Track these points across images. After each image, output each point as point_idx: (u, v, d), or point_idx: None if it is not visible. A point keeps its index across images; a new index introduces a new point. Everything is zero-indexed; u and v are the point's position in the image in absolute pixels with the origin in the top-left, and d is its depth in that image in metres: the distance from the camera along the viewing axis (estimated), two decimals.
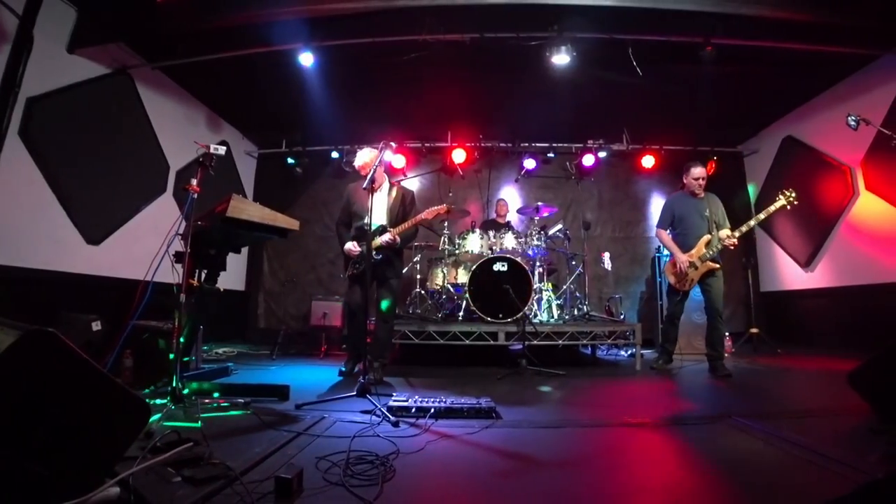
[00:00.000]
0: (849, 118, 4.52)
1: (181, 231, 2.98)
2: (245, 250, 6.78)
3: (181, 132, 5.72)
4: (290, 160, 7.28)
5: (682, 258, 4.31)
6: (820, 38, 4.56)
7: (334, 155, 7.30)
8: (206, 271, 3.25)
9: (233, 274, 6.54)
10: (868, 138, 5.15)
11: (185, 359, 3.19)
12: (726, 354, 5.10)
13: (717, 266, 4.29)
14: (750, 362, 5.13)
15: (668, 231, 4.61)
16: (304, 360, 5.09)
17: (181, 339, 2.75)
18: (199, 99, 6.11)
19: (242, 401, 2.81)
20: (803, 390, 3.77)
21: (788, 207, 4.29)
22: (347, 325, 4.29)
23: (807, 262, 6.45)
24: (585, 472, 1.88)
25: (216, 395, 2.94)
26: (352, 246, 3.89)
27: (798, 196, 4.31)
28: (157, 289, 2.85)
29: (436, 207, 3.97)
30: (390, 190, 4.13)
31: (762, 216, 4.31)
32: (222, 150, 3.02)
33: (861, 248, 5.60)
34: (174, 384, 2.60)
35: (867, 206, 5.53)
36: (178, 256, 3.01)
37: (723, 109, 6.45)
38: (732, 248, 4.31)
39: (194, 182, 2.83)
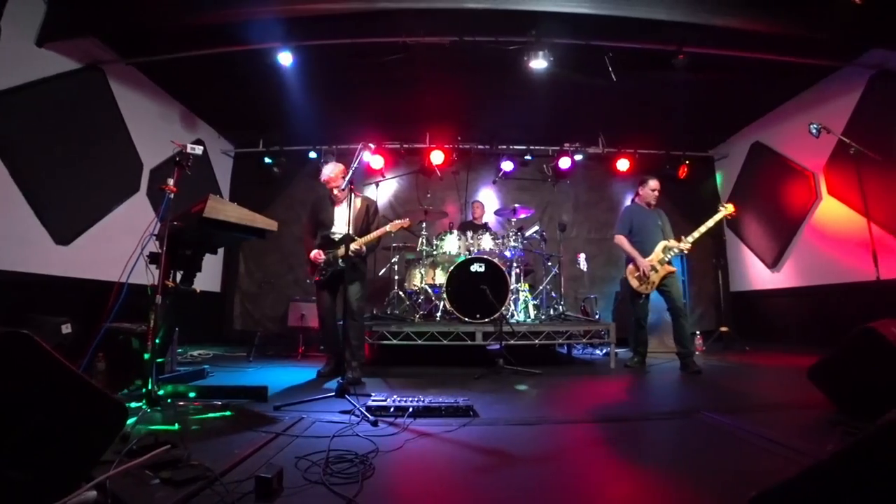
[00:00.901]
0: (811, 126, 4.74)
1: (156, 231, 2.95)
2: (221, 251, 6.68)
3: (155, 130, 5.62)
4: (267, 160, 7.21)
5: (645, 263, 4.52)
6: (786, 49, 4.77)
7: (312, 155, 7.26)
8: (181, 272, 3.21)
9: (208, 275, 6.42)
10: (830, 145, 5.40)
11: (160, 360, 3.15)
12: (697, 352, 5.30)
13: (674, 269, 4.55)
14: (720, 359, 5.30)
15: (627, 238, 4.79)
16: (281, 362, 5.06)
17: (157, 341, 2.71)
18: (175, 96, 6.02)
19: (220, 403, 2.79)
20: (769, 385, 3.94)
21: (728, 218, 4.66)
22: (320, 328, 4.36)
23: (773, 263, 6.71)
24: (560, 466, 1.94)
25: (192, 396, 2.92)
26: (317, 254, 4.02)
27: (765, 204, 4.53)
28: (130, 290, 2.81)
29: (399, 221, 4.15)
30: (354, 200, 4.19)
31: (703, 228, 4.60)
32: (199, 149, 3.00)
33: (823, 250, 5.86)
34: (150, 387, 2.57)
35: (829, 210, 5.80)
36: (153, 257, 2.98)
37: (695, 115, 6.66)
38: (686, 252, 4.66)
39: (171, 182, 2.80)
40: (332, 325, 4.07)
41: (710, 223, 4.60)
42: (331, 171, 4.18)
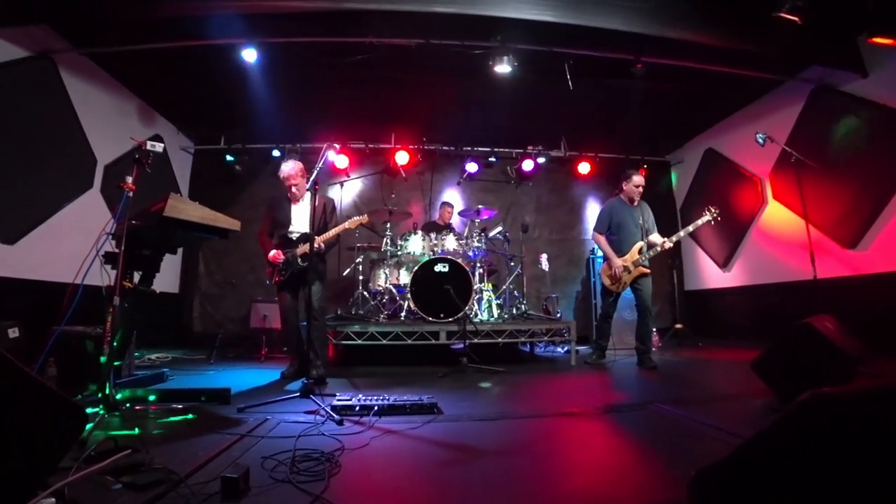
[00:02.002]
0: (757, 135, 5.05)
1: (112, 230, 2.87)
2: (180, 250, 6.49)
3: (110, 124, 5.40)
4: (229, 157, 7.04)
5: (618, 263, 4.62)
6: (736, 62, 5.06)
7: (276, 153, 7.12)
8: (140, 273, 3.13)
9: (166, 276, 6.23)
10: (775, 153, 5.74)
11: (117, 363, 3.06)
12: (654, 349, 5.53)
13: (647, 271, 4.63)
14: (674, 355, 5.56)
15: (605, 235, 4.88)
16: (244, 364, 4.97)
17: (114, 344, 2.64)
18: (132, 89, 5.80)
19: (181, 406, 2.75)
20: (719, 378, 4.19)
21: (713, 222, 4.69)
22: (282, 328, 4.32)
23: (724, 263, 7.08)
24: (522, 458, 2.02)
25: (152, 399, 2.85)
26: (276, 254, 3.99)
27: (718, 206, 4.75)
28: (84, 292, 2.72)
29: (357, 218, 4.15)
30: (311, 199, 4.18)
31: (691, 228, 4.71)
32: (160, 146, 2.93)
33: (769, 251, 6.24)
34: (107, 391, 2.50)
35: (774, 213, 6.18)
36: (109, 257, 2.89)
37: (652, 122, 6.95)
38: (668, 250, 4.70)
39: (129, 180, 2.73)
40: (295, 325, 4.03)
41: (692, 227, 4.68)
42: (290, 168, 4.12)
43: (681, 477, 1.67)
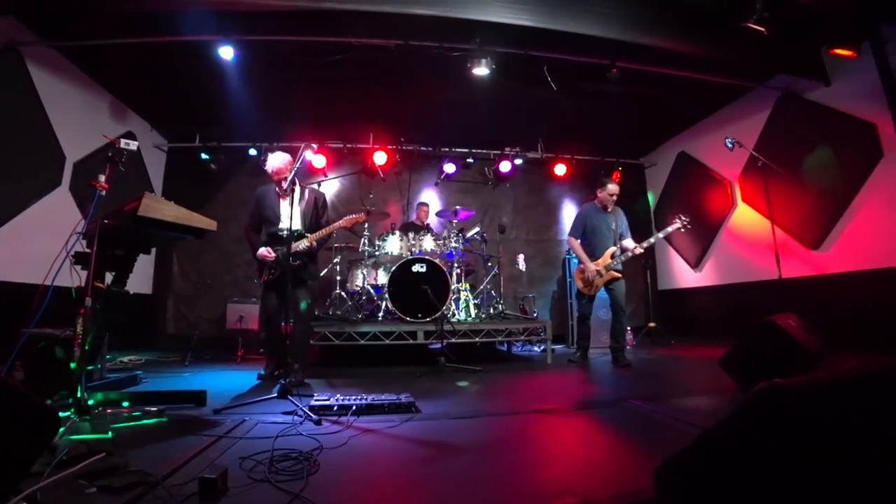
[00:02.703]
0: (726, 140, 5.24)
1: (83, 230, 2.81)
2: (153, 250, 6.35)
3: (80, 120, 5.26)
4: (204, 156, 6.92)
5: (591, 268, 4.75)
6: (707, 69, 5.23)
7: (252, 152, 7.04)
8: (113, 273, 3.07)
9: (139, 276, 6.04)
10: (744, 157, 5.95)
11: (90, 367, 3.00)
12: (628, 347, 5.68)
13: (619, 275, 4.77)
14: (648, 353, 5.72)
15: (579, 240, 5.00)
16: (219, 366, 4.90)
17: (86, 347, 2.58)
18: (103, 85, 5.65)
19: (155, 409, 2.70)
20: (689, 374, 4.32)
21: (682, 230, 4.86)
22: (265, 329, 4.21)
23: (696, 264, 7.30)
24: (500, 453, 2.07)
25: (126, 404, 2.80)
26: (265, 252, 3.83)
27: (689, 209, 4.91)
28: (54, 293, 2.65)
29: (353, 216, 4.02)
30: (302, 194, 4.04)
31: (661, 235, 4.91)
32: (134, 145, 2.88)
33: (738, 252, 6.46)
34: (79, 395, 2.45)
35: (743, 215, 6.40)
36: (79, 258, 2.83)
37: (627, 125, 7.11)
38: (640, 255, 4.85)
39: (102, 178, 2.68)
40: (279, 327, 3.83)
41: (662, 234, 4.89)
42: (278, 161, 3.94)
43: (647, 467, 1.75)
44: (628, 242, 4.82)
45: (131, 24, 4.42)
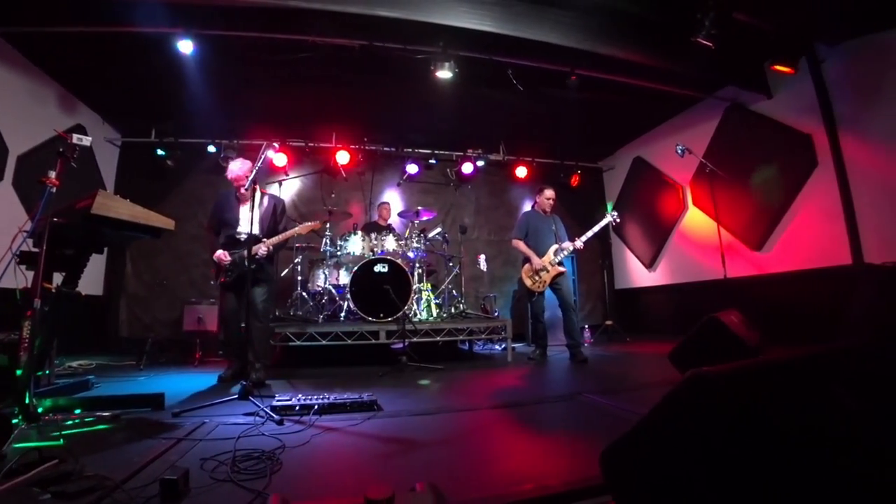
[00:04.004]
0: (677, 147, 5.53)
1: (31, 228, 2.71)
2: (105, 250, 6.10)
3: (25, 111, 5.00)
4: (160, 151, 6.68)
5: (538, 262, 4.97)
6: (661, 79, 5.50)
7: (211, 149, 6.84)
8: (63, 274, 2.96)
9: (89, 277, 5.81)
10: (694, 163, 6.26)
11: (38, 373, 2.88)
12: (586, 344, 5.90)
13: (563, 270, 5.02)
14: (604, 349, 5.94)
15: (524, 241, 5.21)
16: (177, 369, 4.77)
17: (34, 351, 2.49)
18: (51, 75, 5.37)
19: (110, 414, 2.63)
20: (642, 369, 4.54)
21: (612, 224, 5.30)
22: (223, 331, 4.18)
23: (650, 264, 7.62)
24: (461, 447, 2.15)
25: (78, 410, 2.71)
26: (221, 255, 3.85)
27: (644, 211, 5.17)
28: None
29: (309, 224, 4.08)
30: (261, 199, 4.09)
31: (596, 229, 5.19)
32: (87, 140, 2.78)
33: (688, 253, 6.81)
34: (27, 401, 2.36)
35: (693, 218, 6.75)
36: (25, 257, 2.73)
37: (586, 130, 7.35)
38: (578, 251, 5.21)
39: (52, 175, 2.59)
40: (237, 328, 3.83)
41: (596, 228, 5.15)
42: (238, 168, 4.02)
43: (598, 454, 1.87)
44: (567, 244, 5.08)
45: (84, 11, 4.23)
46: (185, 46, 4.53)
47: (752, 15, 4.47)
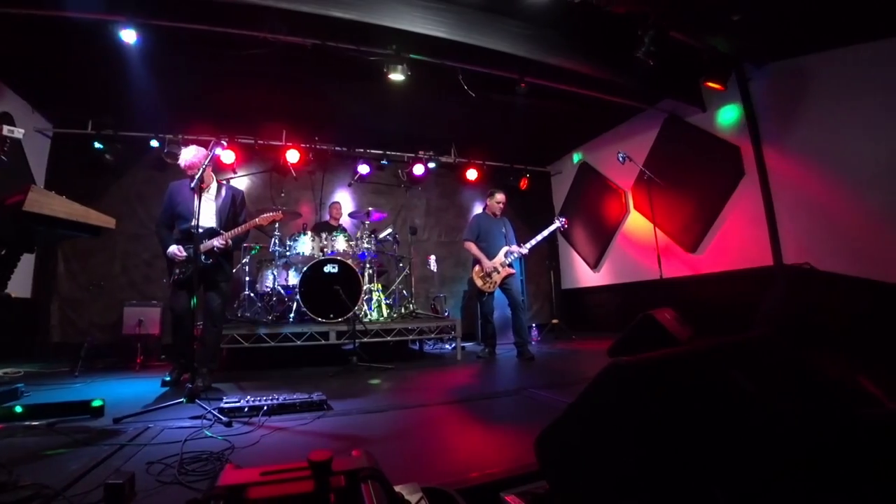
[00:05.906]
0: (619, 154, 5.85)
1: None
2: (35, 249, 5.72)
3: None
4: (97, 144, 6.32)
5: (489, 264, 5.14)
6: (605, 89, 5.79)
7: (154, 143, 6.55)
8: None
9: (15, 277, 5.45)
10: (635, 170, 6.62)
11: None
12: (533, 342, 6.12)
13: (513, 271, 5.21)
14: (550, 347, 6.20)
15: (475, 243, 5.36)
16: (116, 375, 4.57)
17: None
18: None
19: (42, 423, 2.51)
20: (585, 365, 4.75)
21: (560, 230, 5.56)
22: (172, 332, 3.98)
23: (595, 265, 7.98)
24: (410, 441, 2.23)
25: (5, 423, 2.56)
26: (176, 250, 3.65)
27: (589, 214, 5.43)
28: None
29: (270, 214, 3.95)
30: (219, 190, 3.95)
31: (546, 233, 5.42)
32: (20, 132, 2.66)
33: (630, 254, 7.19)
34: None
35: (634, 221, 7.15)
36: None
37: (535, 135, 7.63)
38: (524, 256, 5.40)
39: None
40: (190, 328, 3.52)
41: (545, 232, 5.37)
42: (192, 156, 3.74)
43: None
44: (515, 247, 5.28)
45: None
46: (129, 36, 4.32)
47: (687, 35, 4.81)
